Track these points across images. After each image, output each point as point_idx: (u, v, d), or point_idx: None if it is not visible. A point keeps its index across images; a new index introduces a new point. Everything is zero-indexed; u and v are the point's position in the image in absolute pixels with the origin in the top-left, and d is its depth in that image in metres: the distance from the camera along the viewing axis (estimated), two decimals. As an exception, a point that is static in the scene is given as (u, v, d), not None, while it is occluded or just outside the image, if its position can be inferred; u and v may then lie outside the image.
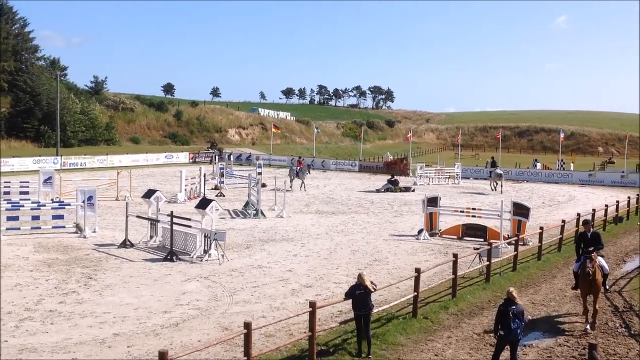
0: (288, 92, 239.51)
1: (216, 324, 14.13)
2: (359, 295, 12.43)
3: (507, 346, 11.54)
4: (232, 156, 63.89)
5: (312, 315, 11.99)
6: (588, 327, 14.33)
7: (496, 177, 45.69)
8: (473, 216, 26.26)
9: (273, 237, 24.90)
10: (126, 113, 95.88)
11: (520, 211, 24.08)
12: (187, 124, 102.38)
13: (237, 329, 12.47)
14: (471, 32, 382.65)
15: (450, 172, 52.64)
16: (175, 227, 21.04)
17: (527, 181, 54.79)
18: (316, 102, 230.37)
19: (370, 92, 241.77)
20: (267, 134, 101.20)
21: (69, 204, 25.60)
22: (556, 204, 38.88)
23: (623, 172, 55.83)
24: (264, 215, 29.95)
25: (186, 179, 36.40)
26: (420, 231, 25.71)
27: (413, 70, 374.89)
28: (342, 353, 12.59)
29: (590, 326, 14.43)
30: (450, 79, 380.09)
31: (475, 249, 19.85)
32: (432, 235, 25.63)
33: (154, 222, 23.16)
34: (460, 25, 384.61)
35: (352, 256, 21.82)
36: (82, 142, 79.08)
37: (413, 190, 44.43)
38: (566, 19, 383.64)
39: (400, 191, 43.42)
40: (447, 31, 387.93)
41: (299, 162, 46.09)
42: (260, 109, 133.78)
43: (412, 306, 15.17)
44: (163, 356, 9.20)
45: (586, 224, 16.39)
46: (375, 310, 13.32)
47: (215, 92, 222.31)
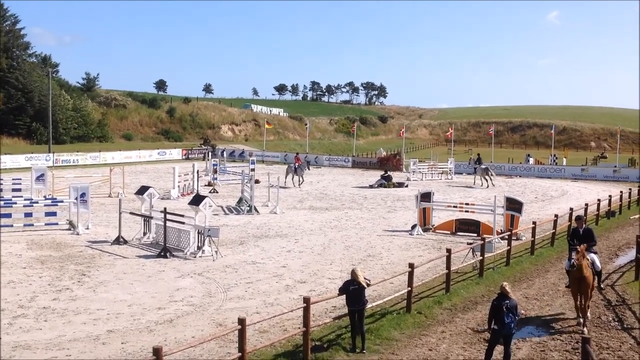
0: (281, 89, 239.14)
1: (210, 320, 14.13)
2: (353, 290, 12.44)
3: (501, 340, 11.58)
4: (225, 152, 63.86)
5: (306, 311, 12.00)
6: (585, 330, 13.96)
7: (483, 173, 46.14)
8: (466, 211, 26.35)
9: (267, 233, 24.90)
10: (118, 110, 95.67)
11: (513, 206, 24.16)
12: (180, 121, 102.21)
13: (232, 325, 12.47)
14: (463, 29, 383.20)
15: (443, 168, 52.80)
16: (168, 224, 21.01)
17: (520, 176, 54.98)
18: (309, 98, 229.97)
19: (363, 88, 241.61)
20: (260, 130, 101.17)
21: (62, 201, 25.55)
22: (549, 199, 39.01)
23: (615, 167, 56.09)
24: (258, 211, 29.94)
25: (179, 176, 36.36)
26: (413, 226, 25.75)
27: (406, 66, 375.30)
28: (337, 348, 12.60)
29: (582, 326, 14.19)
30: (442, 75, 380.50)
31: (468, 244, 19.90)
32: (426, 230, 25.69)
33: (148, 219, 23.12)
34: (452, 21, 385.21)
35: (346, 252, 21.84)
36: (75, 139, 78.86)
37: (406, 185, 44.51)
38: (557, 15, 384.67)
39: (393, 187, 43.52)
40: (440, 27, 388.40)
41: (297, 159, 45.93)
42: (253, 106, 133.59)
43: (406, 301, 15.20)
44: (157, 352, 9.19)
45: (579, 220, 15.81)
46: (369, 305, 13.34)
47: (207, 89, 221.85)
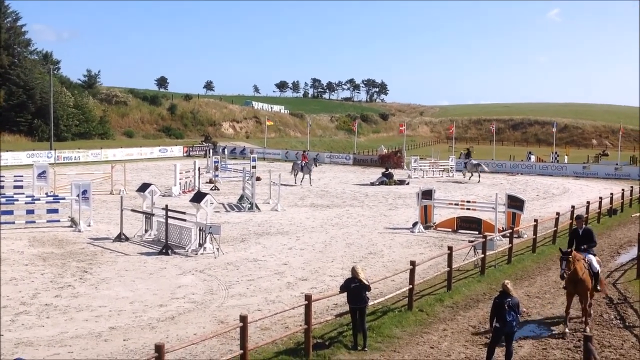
0: (282, 86, 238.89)
1: (212, 317, 14.14)
2: (354, 288, 12.44)
3: (503, 338, 11.58)
4: (227, 150, 63.85)
5: (308, 308, 12.01)
6: (587, 328, 13.82)
7: (472, 168, 46.90)
8: (468, 209, 26.31)
9: (268, 231, 24.90)
10: (120, 107, 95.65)
11: (514, 204, 24.14)
12: (181, 118, 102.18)
13: (233, 322, 12.47)
14: (464, 25, 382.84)
15: (444, 165, 52.76)
16: (170, 221, 21.02)
17: (522, 174, 54.91)
18: (310, 96, 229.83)
19: (364, 86, 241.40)
20: (261, 128, 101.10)
21: (64, 198, 25.54)
22: (550, 197, 38.99)
23: (617, 165, 56.01)
24: (259, 208, 29.94)
25: (180, 173, 36.38)
26: (415, 224, 25.75)
27: (407, 63, 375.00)
28: (338, 346, 12.61)
29: (585, 324, 14.07)
30: (443, 72, 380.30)
31: (470, 242, 19.88)
32: (427, 228, 25.68)
33: (149, 216, 23.13)
34: (453, 18, 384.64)
35: (347, 249, 21.84)
36: (76, 136, 78.86)
37: (407, 183, 44.49)
38: (558, 12, 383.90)
39: (394, 184, 43.48)
40: (441, 24, 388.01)
41: (304, 156, 45.65)
42: (254, 103, 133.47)
43: (408, 299, 15.21)
44: (159, 349, 9.20)
45: (579, 220, 15.49)
46: (370, 303, 13.33)
47: (208, 86, 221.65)
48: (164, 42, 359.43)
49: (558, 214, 24.98)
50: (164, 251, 20.40)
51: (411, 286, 15.15)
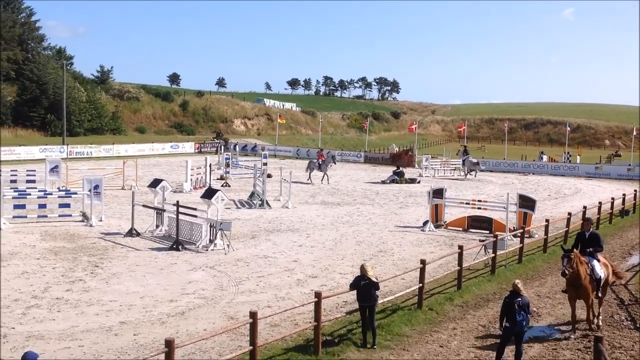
0: (293, 83, 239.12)
1: (222, 313, 14.18)
2: (364, 285, 12.43)
3: (513, 338, 11.55)
4: (238, 146, 63.93)
5: (318, 305, 12.02)
6: (596, 328, 13.83)
7: (471, 166, 47.50)
8: (479, 208, 26.23)
9: (278, 228, 24.94)
10: (132, 102, 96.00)
11: (526, 203, 24.03)
12: (193, 114, 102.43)
13: (243, 319, 12.51)
14: (477, 24, 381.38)
15: (455, 164, 52.60)
16: (181, 217, 21.08)
17: (533, 173, 54.68)
18: (322, 93, 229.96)
19: (375, 84, 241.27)
20: (273, 125, 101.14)
21: (76, 193, 25.67)
22: (562, 197, 38.81)
23: (629, 165, 55.61)
24: (270, 205, 29.98)
25: (192, 169, 36.46)
26: (425, 223, 25.71)
27: (419, 61, 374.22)
28: (347, 343, 12.61)
29: (595, 327, 13.98)
30: (456, 71, 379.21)
31: (480, 241, 19.82)
32: (438, 226, 25.64)
33: (160, 212, 23.20)
34: (466, 16, 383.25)
35: (358, 247, 21.84)
36: (88, 131, 79.23)
37: (418, 181, 44.41)
38: (573, 11, 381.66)
39: (405, 182, 43.41)
40: (454, 23, 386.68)
41: (320, 154, 45.21)
42: (265, 100, 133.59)
43: (417, 297, 15.19)
44: (169, 344, 9.25)
45: (586, 222, 15.22)
46: (380, 301, 13.33)
47: (220, 83, 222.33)
48: (177, 39, 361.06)
49: (570, 214, 24.87)
50: (175, 247, 20.47)
51: (421, 285, 15.13)
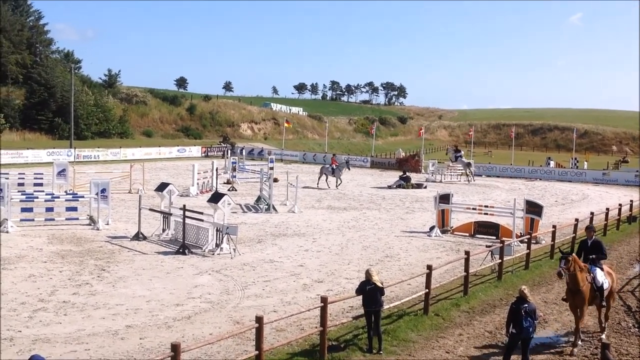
0: (300, 88, 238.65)
1: (228, 318, 14.19)
2: (369, 290, 12.42)
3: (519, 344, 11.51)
4: (244, 151, 63.95)
5: (324, 310, 12.01)
6: (604, 336, 13.71)
7: (464, 167, 47.74)
8: (485, 214, 26.18)
9: (285, 232, 24.94)
10: (139, 106, 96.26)
11: (533, 209, 23.97)
12: (200, 118, 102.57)
13: (249, 323, 12.51)
14: (484, 29, 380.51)
15: (462, 170, 52.48)
16: (187, 221, 21.12)
17: (541, 179, 54.52)
18: (328, 98, 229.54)
19: (382, 89, 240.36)
20: (279, 129, 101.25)
21: (83, 196, 25.75)
22: (569, 203, 38.68)
23: (637, 171, 55.33)
24: (276, 210, 29.99)
25: (198, 173, 36.53)
26: (432, 228, 25.67)
27: (426, 66, 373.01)
28: (353, 349, 12.60)
29: (601, 332, 13.90)
30: (463, 76, 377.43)
31: (487, 247, 19.78)
32: (444, 232, 25.59)
33: (167, 215, 23.26)
34: (473, 21, 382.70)
35: (364, 252, 21.82)
36: (96, 135, 79.46)
37: (425, 186, 44.35)
38: (581, 17, 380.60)
39: (412, 188, 43.37)
40: (460, 28, 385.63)
41: (333, 160, 45.16)
42: (272, 104, 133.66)
43: (424, 303, 15.16)
44: (175, 348, 9.25)
45: (588, 230, 14.98)
46: (386, 306, 13.32)
47: (227, 87, 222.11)
48: (184, 43, 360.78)
49: (577, 221, 24.77)
50: (181, 251, 20.50)
51: (427, 290, 15.09)
